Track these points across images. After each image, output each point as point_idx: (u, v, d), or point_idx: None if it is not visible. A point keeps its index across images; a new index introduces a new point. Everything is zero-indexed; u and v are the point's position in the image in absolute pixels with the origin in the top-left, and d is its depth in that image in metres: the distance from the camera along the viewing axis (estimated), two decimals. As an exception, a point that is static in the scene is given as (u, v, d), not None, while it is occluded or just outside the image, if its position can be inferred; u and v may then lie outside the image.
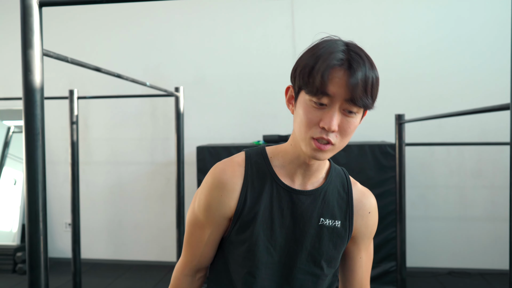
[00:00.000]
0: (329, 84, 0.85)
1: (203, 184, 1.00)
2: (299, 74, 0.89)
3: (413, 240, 4.07)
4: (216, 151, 3.70)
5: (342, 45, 0.89)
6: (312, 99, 0.87)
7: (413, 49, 4.09)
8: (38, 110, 1.62)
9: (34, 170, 1.61)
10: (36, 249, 1.56)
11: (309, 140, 0.89)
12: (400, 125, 3.24)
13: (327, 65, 0.85)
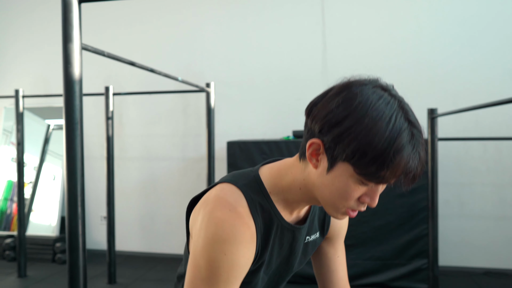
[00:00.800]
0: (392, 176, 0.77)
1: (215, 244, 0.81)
2: (356, 155, 0.76)
3: (447, 239, 3.97)
4: (246, 146, 3.74)
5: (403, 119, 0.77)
6: (366, 180, 0.78)
7: (447, 42, 3.99)
8: (77, 101, 1.71)
9: (74, 158, 1.69)
10: (75, 232, 1.64)
11: (342, 208, 0.83)
12: (433, 120, 3.17)
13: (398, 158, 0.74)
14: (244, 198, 0.85)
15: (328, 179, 0.81)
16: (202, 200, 0.91)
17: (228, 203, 0.83)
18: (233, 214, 0.82)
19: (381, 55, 4.12)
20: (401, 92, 2.18)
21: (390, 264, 3.55)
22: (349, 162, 0.77)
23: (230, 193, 0.85)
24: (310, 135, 0.82)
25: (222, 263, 0.80)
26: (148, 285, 3.71)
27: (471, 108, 2.34)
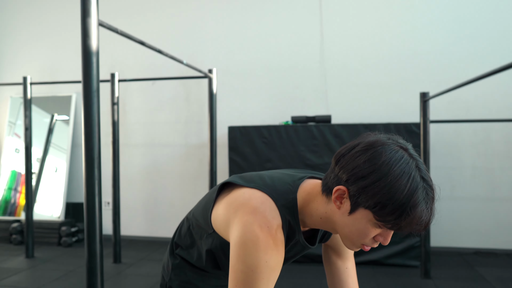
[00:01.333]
0: (407, 227, 0.89)
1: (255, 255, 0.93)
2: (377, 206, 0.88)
3: (439, 220, 4.12)
4: (246, 131, 3.89)
5: (418, 174, 0.89)
6: (382, 225, 0.90)
7: (442, 32, 4.16)
8: (94, 71, 1.87)
9: (92, 124, 1.86)
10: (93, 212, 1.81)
11: (358, 244, 0.96)
12: (425, 102, 3.34)
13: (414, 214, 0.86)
14: (280, 218, 0.97)
15: (350, 220, 0.93)
16: (240, 201, 1.00)
17: (267, 221, 0.94)
18: (268, 233, 0.93)
19: (377, 45, 4.28)
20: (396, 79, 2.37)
21: (385, 243, 3.71)
22: (371, 210, 0.89)
23: (269, 210, 0.96)
24: (337, 181, 0.93)
25: (259, 271, 0.92)
26: (152, 264, 3.85)
27: (457, 87, 2.51)
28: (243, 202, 0.98)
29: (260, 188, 1.00)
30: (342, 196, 0.92)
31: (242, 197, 1.00)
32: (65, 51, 4.95)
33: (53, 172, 4.98)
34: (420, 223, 0.88)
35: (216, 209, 1.07)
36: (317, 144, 3.78)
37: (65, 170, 4.85)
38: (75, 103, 4.98)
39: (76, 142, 4.96)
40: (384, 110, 4.17)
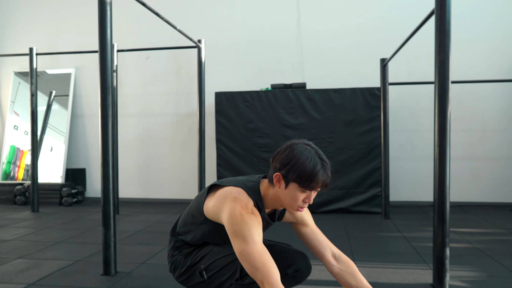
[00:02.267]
0: (316, 186, 1.42)
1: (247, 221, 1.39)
2: (297, 178, 1.41)
3: (401, 177, 4.70)
4: (231, 96, 4.39)
5: (317, 156, 1.43)
6: (304, 190, 1.43)
7: (403, 9, 4.72)
8: (108, 30, 2.35)
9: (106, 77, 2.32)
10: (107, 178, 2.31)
11: (295, 208, 1.47)
12: (384, 67, 3.89)
13: (318, 177, 1.40)
14: (252, 202, 1.47)
15: (286, 192, 1.45)
16: (224, 194, 1.49)
17: (244, 203, 1.44)
18: (247, 210, 1.42)
19: (346, 22, 4.83)
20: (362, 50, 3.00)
21: (352, 192, 4.25)
22: (296, 182, 1.42)
23: (245, 197, 1.46)
24: (274, 171, 1.46)
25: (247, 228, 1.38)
26: (146, 215, 4.31)
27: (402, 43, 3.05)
28: (227, 195, 1.48)
29: (236, 185, 1.51)
30: (279, 179, 1.45)
31: (226, 192, 1.49)
32: (66, 26, 5.39)
33: (53, 144, 5.39)
34: (324, 184, 1.42)
35: (206, 203, 1.55)
36: (293, 107, 4.30)
37: (66, 139, 5.28)
38: (75, 78, 5.41)
39: (76, 113, 5.39)
40: (352, 77, 4.73)
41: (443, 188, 2.20)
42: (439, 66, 2.16)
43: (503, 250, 2.86)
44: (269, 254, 1.37)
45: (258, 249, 1.34)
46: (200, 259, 1.60)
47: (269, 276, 1.30)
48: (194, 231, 1.62)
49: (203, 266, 1.57)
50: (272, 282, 1.29)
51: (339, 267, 1.60)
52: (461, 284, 2.23)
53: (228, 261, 1.53)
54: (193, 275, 1.61)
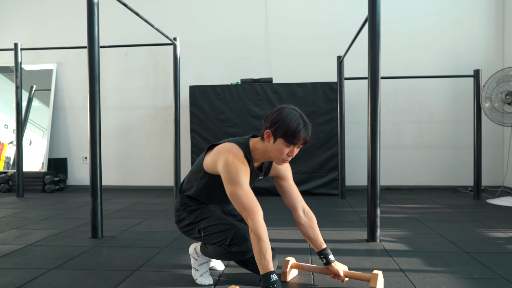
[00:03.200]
0: (298, 142, 1.69)
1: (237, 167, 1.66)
2: (283, 134, 1.67)
3: (358, 165, 5.22)
4: (204, 89, 4.81)
5: (301, 118, 1.70)
6: (288, 144, 1.69)
7: (359, 13, 5.24)
8: (95, 19, 2.72)
9: (94, 86, 2.70)
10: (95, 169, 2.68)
11: (281, 159, 1.74)
12: (340, 63, 4.39)
13: (300, 133, 1.67)
14: (243, 153, 1.74)
15: (274, 146, 1.71)
16: (219, 149, 1.76)
17: (235, 154, 1.71)
18: (238, 159, 1.70)
19: (309, 24, 5.32)
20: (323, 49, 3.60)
21: (313, 176, 4.73)
22: (282, 137, 1.68)
23: (236, 149, 1.73)
24: (265, 128, 1.73)
25: (237, 174, 1.67)
26: (127, 199, 4.66)
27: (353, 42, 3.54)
28: (222, 148, 1.76)
29: (229, 141, 1.81)
30: (269, 135, 1.72)
31: (221, 146, 1.78)
32: (49, 22, 5.70)
33: (33, 138, 5.67)
34: (304, 141, 1.70)
35: (206, 160, 1.83)
36: (260, 99, 4.75)
37: (48, 130, 5.57)
38: (56, 72, 5.71)
39: (57, 106, 5.70)
40: (314, 73, 5.22)
41: (374, 160, 2.66)
42: (371, 60, 2.63)
43: (434, 218, 3.39)
44: (254, 196, 1.66)
45: (245, 192, 1.64)
46: (201, 219, 1.88)
47: (252, 214, 1.61)
48: (196, 185, 1.89)
49: (202, 225, 1.86)
50: (255, 219, 1.59)
51: (305, 220, 1.90)
52: (390, 239, 2.72)
53: (222, 229, 1.80)
54: (193, 230, 1.92)
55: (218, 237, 1.80)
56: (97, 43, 2.82)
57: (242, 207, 1.62)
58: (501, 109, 4.16)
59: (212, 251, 1.87)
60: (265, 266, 1.56)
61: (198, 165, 1.90)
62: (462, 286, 1.82)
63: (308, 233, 1.89)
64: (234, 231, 1.76)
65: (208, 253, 1.91)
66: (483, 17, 5.18)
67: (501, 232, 2.87)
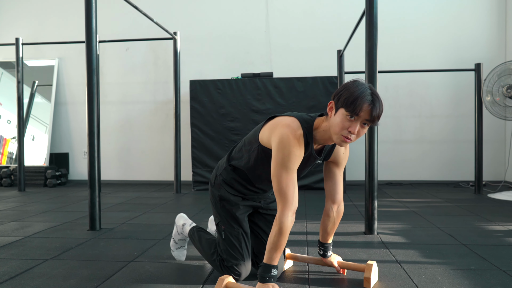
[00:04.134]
0: (361, 112, 1.43)
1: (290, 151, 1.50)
2: (344, 102, 1.44)
3: (358, 159, 5.20)
4: (205, 83, 4.80)
5: (369, 89, 1.45)
6: (348, 115, 1.44)
7: (358, 9, 5.21)
8: (93, 23, 2.72)
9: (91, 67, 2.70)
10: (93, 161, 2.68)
11: (340, 135, 1.47)
12: (340, 57, 4.37)
13: (363, 102, 1.42)
14: (302, 132, 1.54)
15: (334, 119, 1.48)
16: (278, 122, 1.58)
17: (294, 131, 1.52)
18: (295, 137, 1.52)
19: (310, 18, 5.30)
20: (323, 44, 3.59)
21: (314, 171, 4.72)
22: (343, 107, 1.45)
23: (297, 126, 1.54)
24: (329, 100, 1.72)
25: (289, 156, 1.51)
26: (126, 193, 4.68)
27: (351, 40, 3.52)
28: (280, 121, 1.58)
29: (291, 116, 1.62)
30: (332, 107, 1.52)
31: (281, 119, 1.60)
32: (49, 18, 5.71)
33: (35, 133, 5.69)
34: (371, 113, 1.43)
35: (262, 131, 1.67)
36: (260, 93, 4.74)
37: (49, 125, 5.59)
38: (58, 67, 5.72)
39: (59, 101, 5.71)
40: (314, 67, 5.20)
41: (372, 154, 2.65)
42: (368, 52, 2.61)
43: (433, 212, 3.37)
44: (296, 185, 1.53)
45: (289, 179, 1.50)
46: (230, 220, 1.80)
47: (285, 204, 1.50)
48: (247, 156, 1.74)
49: (224, 228, 1.79)
50: (285, 212, 1.49)
51: (334, 215, 1.81)
52: (387, 231, 2.71)
53: (234, 251, 1.74)
54: (217, 214, 1.85)
55: (225, 253, 1.76)
56: (95, 35, 2.82)
57: (279, 193, 1.51)
58: (502, 103, 4.13)
59: (200, 247, 1.86)
60: (272, 258, 1.52)
61: (254, 135, 1.74)
62: (458, 277, 1.81)
63: (327, 226, 1.83)
64: (237, 263, 1.74)
65: (194, 242, 1.91)
66: (484, 10, 5.14)
67: (500, 225, 2.85)
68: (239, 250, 1.75)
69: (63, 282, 1.78)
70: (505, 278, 1.80)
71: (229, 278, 1.58)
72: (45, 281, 1.80)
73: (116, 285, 1.75)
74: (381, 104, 1.46)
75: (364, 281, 1.70)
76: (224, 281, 1.56)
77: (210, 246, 1.87)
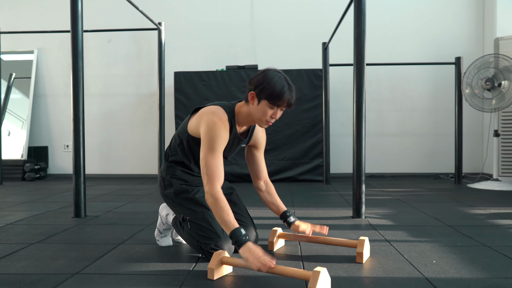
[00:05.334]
0: (282, 104, 1.70)
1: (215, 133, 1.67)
2: (268, 96, 1.67)
3: (342, 152, 5.26)
4: (189, 75, 4.77)
5: (285, 81, 1.70)
6: (272, 106, 1.70)
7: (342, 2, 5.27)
8: (79, 14, 2.67)
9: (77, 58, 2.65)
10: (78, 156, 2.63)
11: (264, 121, 1.73)
12: (325, 50, 4.41)
13: (285, 96, 1.68)
14: (226, 117, 1.73)
15: (258, 108, 1.71)
16: (203, 111, 1.75)
17: (219, 116, 1.70)
18: (221, 121, 1.69)
19: (294, 11, 5.33)
20: (308, 37, 3.61)
21: (298, 163, 4.75)
22: (266, 99, 1.68)
23: (221, 112, 1.72)
24: (249, 90, 1.73)
25: (215, 139, 1.67)
26: (109, 186, 4.60)
27: (335, 33, 3.55)
28: (206, 110, 1.75)
29: (214, 104, 1.80)
30: (253, 97, 1.72)
31: (205, 109, 1.77)
32: (29, 6, 5.57)
33: (11, 128, 5.53)
34: (288, 103, 1.72)
35: (190, 123, 1.82)
36: (245, 85, 4.74)
37: (28, 118, 5.44)
38: (37, 58, 5.58)
39: (38, 93, 5.57)
40: (298, 60, 5.23)
41: (359, 141, 2.68)
42: (356, 38, 2.64)
43: (416, 199, 3.44)
44: (222, 166, 1.70)
45: (215, 160, 1.67)
46: (189, 209, 1.84)
47: (212, 180, 1.64)
48: (181, 149, 1.89)
49: (188, 217, 1.83)
50: (214, 185, 1.63)
51: (265, 188, 2.01)
52: (375, 216, 2.75)
53: (208, 234, 1.77)
54: (176, 210, 1.89)
55: (200, 239, 1.78)
56: (81, 24, 2.77)
57: (206, 172, 1.65)
58: (481, 95, 4.25)
59: (184, 235, 1.85)
60: (231, 223, 1.57)
61: (182, 128, 1.89)
62: (446, 252, 1.85)
63: (267, 199, 2.00)
64: (217, 242, 1.75)
65: (178, 231, 1.90)
66: (463, 7, 5.27)
67: (482, 210, 2.93)
68: (210, 230, 1.77)
69: (51, 263, 1.75)
70: (490, 252, 1.85)
71: (224, 252, 1.58)
72: (33, 262, 1.76)
73: (106, 265, 1.72)
74: (295, 92, 1.76)
75: (357, 256, 1.72)
76: (220, 255, 1.55)
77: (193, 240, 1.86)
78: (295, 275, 1.40)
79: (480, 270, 1.61)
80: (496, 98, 4.17)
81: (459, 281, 1.49)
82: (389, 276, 1.55)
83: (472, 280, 1.49)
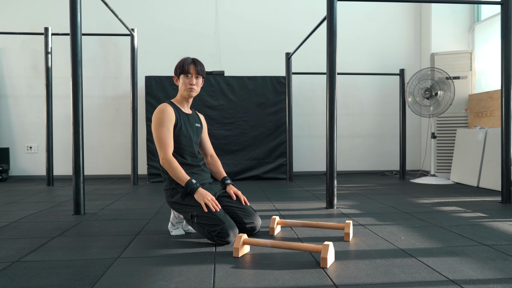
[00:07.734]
0: (190, 70, 2.26)
1: (160, 115, 2.20)
2: (178, 70, 2.27)
3: (301, 152, 5.75)
4: (160, 79, 5.00)
5: (190, 58, 2.28)
6: (184, 76, 2.27)
7: (300, 15, 5.77)
8: (78, 5, 2.87)
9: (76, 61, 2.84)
10: (78, 157, 2.83)
11: (187, 89, 2.28)
12: (288, 59, 4.86)
13: (188, 64, 2.25)
14: (168, 103, 2.30)
15: (180, 83, 2.31)
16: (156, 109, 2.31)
17: (161, 107, 2.25)
18: (163, 105, 2.26)
19: (257, 21, 5.74)
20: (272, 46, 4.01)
21: (263, 162, 5.16)
22: (180, 74, 2.30)
23: (164, 104, 2.28)
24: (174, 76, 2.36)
25: (163, 119, 2.21)
26: (81, 186, 4.71)
27: (302, 43, 4.02)
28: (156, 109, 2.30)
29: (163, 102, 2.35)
30: (176, 79, 2.35)
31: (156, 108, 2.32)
32: None
33: None
34: (196, 68, 2.25)
35: (152, 127, 2.29)
36: (214, 90, 5.07)
37: None
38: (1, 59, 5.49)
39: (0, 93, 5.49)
40: (261, 68, 5.66)
41: (332, 142, 3.14)
42: (329, 56, 3.10)
43: (372, 192, 3.99)
44: (171, 138, 2.20)
45: (165, 132, 2.19)
46: (195, 205, 2.13)
47: (164, 148, 2.18)
48: None
49: (195, 213, 2.10)
50: (166, 152, 2.17)
51: (211, 161, 2.52)
52: (344, 206, 3.23)
53: (213, 222, 2.04)
54: (184, 211, 2.20)
55: (208, 227, 2.07)
56: (80, 28, 2.95)
57: (158, 143, 2.18)
58: (421, 103, 4.93)
59: (196, 228, 2.17)
60: (184, 177, 2.13)
61: (152, 133, 2.42)
62: (410, 231, 2.35)
63: (212, 169, 2.52)
64: (222, 227, 2.04)
65: (191, 224, 2.22)
66: (405, 24, 5.99)
67: (427, 199, 3.53)
68: (216, 217, 2.06)
69: (86, 251, 1.98)
70: (441, 230, 2.37)
71: (244, 235, 1.93)
72: (69, 251, 1.98)
73: (138, 250, 2.00)
74: (201, 64, 2.29)
75: (345, 235, 2.16)
76: (242, 238, 1.91)
77: None
78: (309, 248, 1.79)
79: (437, 242, 2.11)
80: (433, 105, 4.87)
81: (425, 250, 1.96)
82: (373, 249, 2.00)
83: (434, 249, 1.98)
